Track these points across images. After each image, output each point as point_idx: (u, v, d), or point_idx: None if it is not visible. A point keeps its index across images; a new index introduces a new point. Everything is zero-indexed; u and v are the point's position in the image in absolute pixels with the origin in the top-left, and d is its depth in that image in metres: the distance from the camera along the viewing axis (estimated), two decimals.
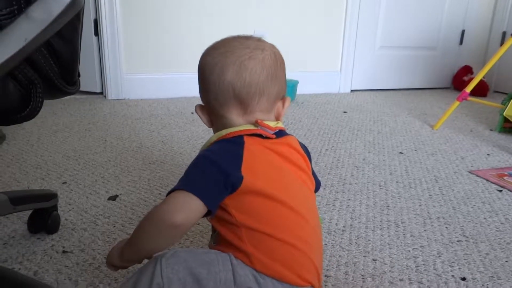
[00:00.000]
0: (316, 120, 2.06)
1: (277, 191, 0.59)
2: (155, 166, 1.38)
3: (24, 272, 0.82)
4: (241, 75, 0.62)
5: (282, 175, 0.62)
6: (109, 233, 0.97)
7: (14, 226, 0.98)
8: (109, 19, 2.22)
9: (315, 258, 0.60)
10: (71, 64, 0.61)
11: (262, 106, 0.64)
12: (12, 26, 0.47)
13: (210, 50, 0.66)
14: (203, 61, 0.66)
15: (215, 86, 0.63)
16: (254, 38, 0.66)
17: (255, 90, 0.63)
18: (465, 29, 3.05)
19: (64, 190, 1.18)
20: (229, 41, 0.65)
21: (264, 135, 0.63)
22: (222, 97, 0.63)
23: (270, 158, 0.62)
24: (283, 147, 0.64)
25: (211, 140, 0.65)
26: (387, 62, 2.91)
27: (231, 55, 0.62)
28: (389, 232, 1.02)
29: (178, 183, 0.58)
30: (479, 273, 0.87)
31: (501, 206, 1.19)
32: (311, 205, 0.65)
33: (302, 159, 0.67)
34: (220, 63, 0.63)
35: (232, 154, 0.59)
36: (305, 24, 2.61)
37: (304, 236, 0.60)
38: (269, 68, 0.64)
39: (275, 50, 0.66)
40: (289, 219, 0.59)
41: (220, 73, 0.62)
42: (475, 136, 1.89)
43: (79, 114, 2.00)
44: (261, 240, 0.57)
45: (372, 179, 1.35)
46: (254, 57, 0.63)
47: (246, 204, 0.58)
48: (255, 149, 0.61)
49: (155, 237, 0.58)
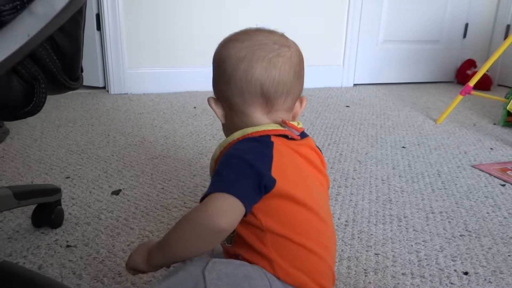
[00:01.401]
0: (319, 115, 2.06)
1: (303, 195, 0.57)
2: (158, 161, 1.38)
3: (28, 266, 0.83)
4: (271, 73, 0.59)
5: (305, 178, 0.60)
6: (113, 227, 0.97)
7: (18, 221, 0.98)
8: (111, 14, 2.21)
9: (332, 263, 0.60)
10: (74, 59, 0.61)
11: (286, 105, 0.62)
12: (15, 21, 0.47)
13: (232, 43, 0.62)
14: (224, 54, 0.61)
15: (241, 81, 0.59)
16: (277, 33, 0.64)
17: (283, 89, 0.61)
18: (468, 23, 3.03)
19: (68, 184, 1.19)
20: (254, 33, 0.62)
21: (289, 136, 0.61)
22: (248, 94, 0.60)
23: (295, 160, 0.60)
24: (306, 149, 0.62)
25: (234, 137, 0.61)
26: (390, 56, 2.90)
27: (259, 50, 0.59)
28: (391, 226, 1.03)
29: (215, 185, 0.54)
30: (481, 268, 0.87)
31: (504, 200, 1.19)
32: (328, 207, 0.64)
33: (319, 160, 0.65)
34: (248, 58, 0.59)
35: (263, 155, 0.57)
36: (307, 18, 2.60)
37: (324, 241, 0.59)
38: (295, 67, 0.62)
39: (298, 48, 0.64)
40: (313, 224, 0.58)
41: (247, 68, 0.59)
42: (478, 130, 1.88)
43: (82, 108, 2.00)
44: (285, 246, 0.55)
45: (375, 173, 1.35)
46: (283, 55, 0.60)
47: (274, 207, 0.56)
48: (283, 150, 0.59)
49: (195, 243, 0.54)
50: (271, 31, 0.64)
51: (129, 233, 0.95)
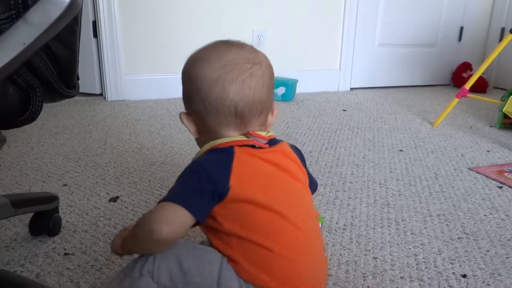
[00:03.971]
0: (316, 119, 2.06)
1: (269, 200, 0.58)
2: (155, 167, 1.38)
3: (26, 274, 0.82)
4: (244, 93, 0.61)
5: (272, 183, 0.61)
6: (110, 234, 0.97)
7: (15, 229, 0.98)
8: (108, 21, 2.22)
9: (310, 266, 0.59)
10: (70, 67, 0.62)
11: (260, 121, 0.65)
12: (11, 30, 0.48)
13: (203, 63, 0.63)
14: (198, 73, 0.62)
15: (216, 102, 0.61)
16: (247, 47, 0.65)
17: (257, 107, 0.62)
18: (463, 26, 3.05)
19: (65, 192, 1.18)
20: (224, 52, 0.63)
21: (257, 145, 0.62)
22: (223, 114, 0.62)
23: (260, 167, 0.61)
24: (276, 155, 0.64)
25: (202, 150, 0.64)
26: (386, 60, 2.91)
27: (232, 72, 0.61)
28: (389, 230, 1.03)
29: (166, 195, 0.57)
30: (479, 270, 0.87)
31: (501, 202, 1.19)
32: (304, 210, 0.63)
33: (293, 163, 0.66)
34: (221, 79, 0.61)
35: (222, 163, 0.59)
36: (303, 23, 2.61)
37: (296, 244, 0.59)
38: (268, 83, 0.64)
39: (268, 62, 0.66)
40: (278, 226, 0.58)
41: (222, 90, 0.60)
42: (475, 133, 1.89)
43: (79, 116, 2.00)
44: (249, 248, 0.57)
45: (372, 177, 1.35)
46: (255, 74, 0.62)
47: (235, 211, 0.58)
48: (245, 158, 0.60)
49: (142, 245, 0.59)
50: (240, 46, 0.64)
51: None
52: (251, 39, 2.52)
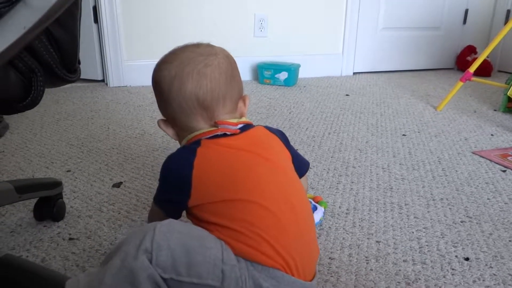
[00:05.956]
0: (319, 104, 2.05)
1: (233, 189, 0.60)
2: (158, 153, 1.38)
3: (31, 259, 0.83)
4: (202, 83, 0.64)
5: (238, 169, 0.61)
6: (114, 219, 0.98)
7: (20, 214, 0.99)
8: (108, 6, 2.20)
9: (288, 245, 0.59)
10: (71, 51, 0.61)
11: (227, 109, 0.66)
12: (11, 14, 0.47)
13: (163, 65, 0.67)
14: (159, 76, 0.67)
15: (178, 98, 0.64)
16: (203, 44, 0.68)
17: (218, 95, 0.65)
18: (468, 8, 3.01)
19: (69, 178, 1.19)
20: (180, 52, 0.67)
21: (229, 133, 0.64)
22: (188, 107, 0.65)
23: (226, 156, 0.62)
24: (243, 141, 0.64)
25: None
26: (390, 44, 2.88)
27: (187, 66, 0.64)
28: (392, 214, 1.03)
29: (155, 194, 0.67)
30: (482, 253, 0.88)
31: (504, 186, 1.19)
32: (275, 189, 0.62)
33: (267, 145, 0.66)
34: (178, 75, 0.64)
35: (184, 166, 0.62)
36: (305, 6, 2.58)
37: (272, 228, 0.58)
38: (226, 71, 0.66)
39: (226, 53, 0.69)
40: (254, 212, 0.59)
41: (180, 84, 0.64)
42: (478, 117, 1.88)
43: (81, 102, 2.00)
44: (230, 232, 0.58)
45: (375, 161, 1.35)
46: (210, 64, 0.65)
47: (205, 208, 0.61)
48: (209, 152, 0.62)
49: None
50: (197, 45, 0.68)
51: (131, 225, 0.95)
52: (253, 23, 2.50)
